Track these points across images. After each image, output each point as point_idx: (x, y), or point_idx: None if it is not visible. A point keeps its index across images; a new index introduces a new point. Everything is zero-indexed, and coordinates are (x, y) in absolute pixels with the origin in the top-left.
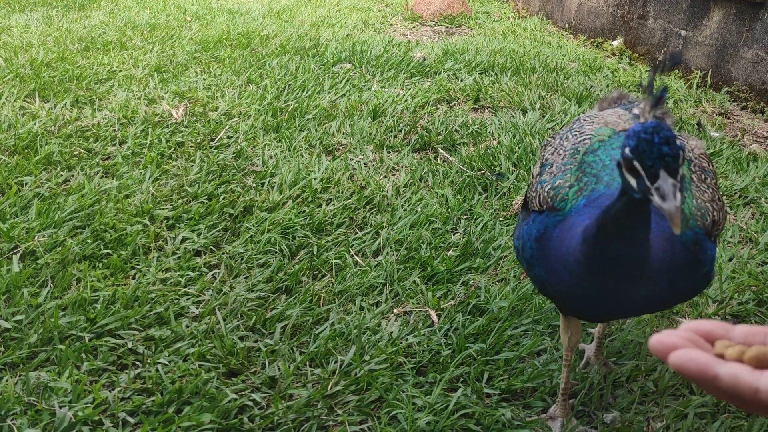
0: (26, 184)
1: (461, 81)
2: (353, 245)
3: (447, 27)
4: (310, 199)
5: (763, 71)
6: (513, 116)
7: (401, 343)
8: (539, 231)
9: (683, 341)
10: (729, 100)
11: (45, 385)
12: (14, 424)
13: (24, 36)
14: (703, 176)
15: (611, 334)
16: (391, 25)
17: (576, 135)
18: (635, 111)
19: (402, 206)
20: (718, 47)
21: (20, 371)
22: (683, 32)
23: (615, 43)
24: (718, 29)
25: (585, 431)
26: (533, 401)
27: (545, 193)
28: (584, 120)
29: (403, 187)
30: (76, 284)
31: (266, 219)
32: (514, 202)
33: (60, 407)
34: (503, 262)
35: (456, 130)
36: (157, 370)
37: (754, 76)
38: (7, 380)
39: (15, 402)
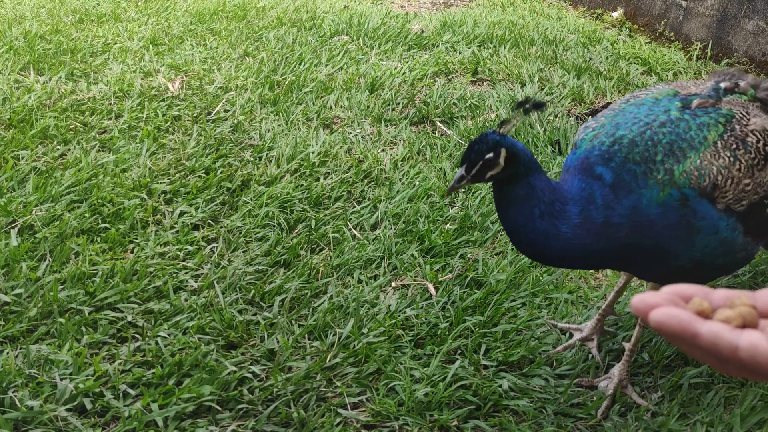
0: (22, 158)
1: (459, 53)
2: (351, 219)
3: None
4: (307, 172)
5: (763, 42)
6: (511, 89)
7: (399, 315)
8: (566, 162)
9: (665, 302)
10: None
11: (45, 358)
12: (16, 395)
13: (17, 8)
14: (735, 146)
15: None
16: None
17: (641, 91)
18: (722, 84)
19: (400, 180)
20: (719, 18)
21: (21, 344)
22: (684, 3)
23: (615, 14)
24: (719, 0)
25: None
26: (530, 370)
27: (578, 133)
28: (666, 83)
29: (401, 160)
30: (75, 258)
31: (264, 193)
32: None
33: (61, 379)
34: (501, 235)
35: (454, 103)
36: (156, 343)
37: (754, 47)
38: (7, 353)
39: (16, 374)
